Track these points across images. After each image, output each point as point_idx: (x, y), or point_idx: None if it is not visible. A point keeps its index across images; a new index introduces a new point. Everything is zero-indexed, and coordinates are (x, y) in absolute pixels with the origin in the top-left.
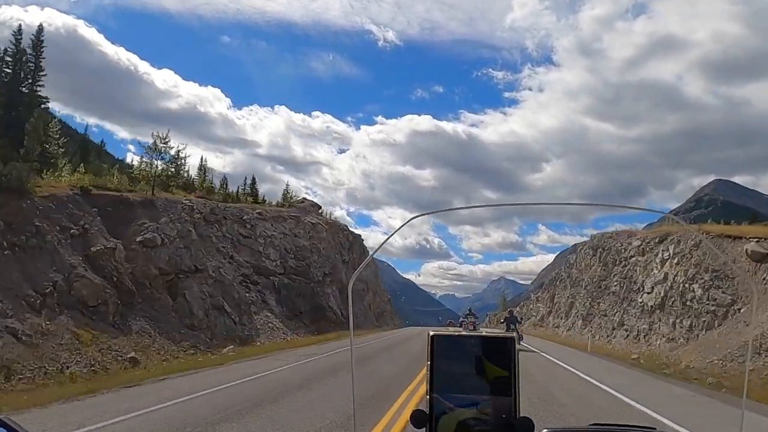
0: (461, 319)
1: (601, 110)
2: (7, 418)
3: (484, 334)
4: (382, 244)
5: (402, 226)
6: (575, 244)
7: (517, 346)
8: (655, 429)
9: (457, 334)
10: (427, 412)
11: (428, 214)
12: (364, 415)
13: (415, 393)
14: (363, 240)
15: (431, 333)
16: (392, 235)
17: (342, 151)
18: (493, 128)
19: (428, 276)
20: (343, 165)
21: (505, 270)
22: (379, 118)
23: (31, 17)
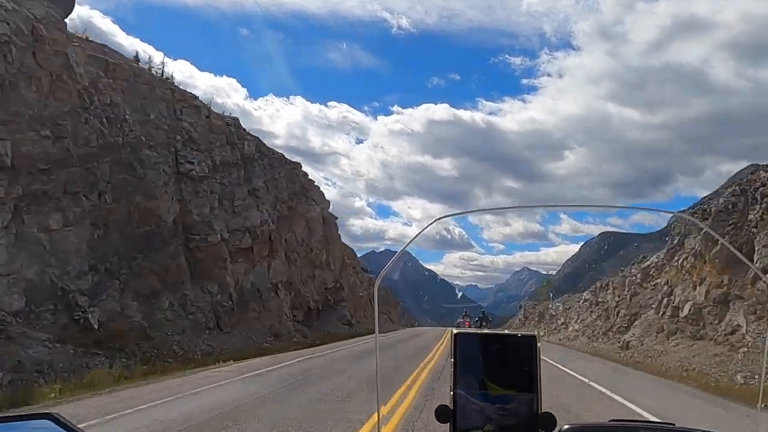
0: (458, 320)
1: (624, 95)
2: (58, 414)
3: (506, 332)
4: (413, 239)
5: (429, 224)
6: None
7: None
8: (674, 425)
9: (479, 332)
10: (451, 408)
11: (455, 215)
12: None
13: None
14: (307, 174)
15: (455, 332)
16: (423, 231)
17: (360, 141)
18: (512, 116)
19: (450, 267)
20: (362, 155)
21: (527, 260)
22: (396, 108)
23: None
